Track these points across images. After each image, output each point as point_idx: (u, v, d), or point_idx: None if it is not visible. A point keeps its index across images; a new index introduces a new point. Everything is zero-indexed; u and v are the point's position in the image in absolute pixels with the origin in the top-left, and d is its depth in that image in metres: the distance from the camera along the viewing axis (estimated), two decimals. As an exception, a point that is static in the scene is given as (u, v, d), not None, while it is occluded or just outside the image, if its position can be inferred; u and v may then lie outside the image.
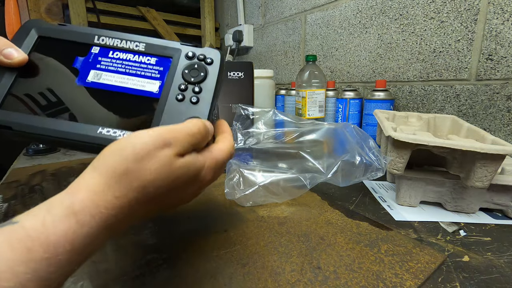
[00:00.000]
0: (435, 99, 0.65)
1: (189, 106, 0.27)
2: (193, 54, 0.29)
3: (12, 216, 0.17)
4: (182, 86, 0.27)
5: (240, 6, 1.29)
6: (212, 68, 0.29)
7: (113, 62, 0.28)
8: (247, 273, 0.27)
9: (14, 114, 0.25)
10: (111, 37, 0.29)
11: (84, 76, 0.27)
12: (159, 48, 0.29)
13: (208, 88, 0.28)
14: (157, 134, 0.21)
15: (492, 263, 0.29)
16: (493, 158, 0.34)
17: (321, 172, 0.39)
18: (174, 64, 0.29)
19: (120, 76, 0.28)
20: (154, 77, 0.28)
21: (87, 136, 0.25)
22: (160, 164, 0.20)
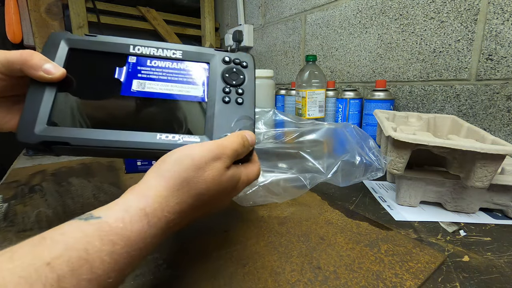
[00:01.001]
0: (435, 99, 0.65)
1: (236, 107, 0.28)
2: (229, 59, 0.31)
3: (13, 216, 0.17)
4: (226, 89, 0.29)
5: (240, 6, 1.29)
6: (248, 71, 0.31)
7: (153, 71, 0.29)
8: (247, 273, 0.27)
9: (67, 129, 0.25)
10: (146, 46, 0.29)
11: (128, 86, 0.28)
12: (195, 54, 0.30)
13: (248, 89, 0.30)
14: (210, 148, 0.23)
15: (492, 263, 0.29)
16: (493, 158, 0.34)
17: (321, 172, 0.39)
18: (213, 68, 0.30)
19: (164, 83, 0.28)
20: (195, 82, 0.29)
21: (149, 143, 0.25)
22: (214, 174, 0.23)
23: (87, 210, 0.18)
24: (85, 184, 0.51)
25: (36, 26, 1.00)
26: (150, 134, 0.26)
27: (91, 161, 0.63)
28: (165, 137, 0.26)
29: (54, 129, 0.25)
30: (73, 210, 0.40)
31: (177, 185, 0.21)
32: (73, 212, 0.39)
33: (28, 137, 0.25)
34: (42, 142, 0.25)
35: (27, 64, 0.25)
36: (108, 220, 0.18)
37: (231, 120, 0.28)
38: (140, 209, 0.19)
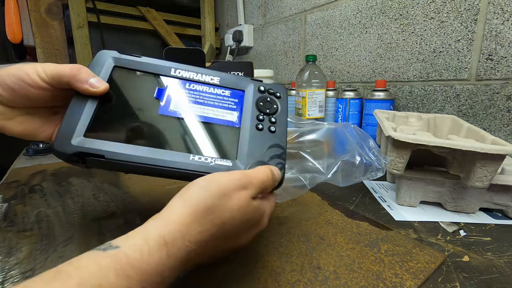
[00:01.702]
0: (435, 99, 0.65)
1: (268, 134, 0.29)
2: (264, 88, 0.32)
3: (13, 216, 0.17)
4: (260, 116, 0.30)
5: (240, 6, 1.29)
6: (281, 101, 0.32)
7: (191, 94, 0.30)
8: (247, 273, 0.27)
9: (104, 142, 0.25)
10: (186, 70, 0.31)
11: (166, 106, 0.28)
12: (231, 82, 0.31)
13: (281, 119, 0.30)
14: (238, 177, 0.23)
15: (492, 263, 0.29)
16: (493, 158, 0.34)
17: (321, 172, 0.39)
18: (248, 96, 0.31)
19: (201, 106, 0.29)
20: (231, 107, 0.30)
21: (181, 163, 0.25)
22: (239, 204, 0.22)
23: (87, 210, 0.18)
24: (85, 184, 0.51)
25: (36, 26, 1.00)
26: (183, 154, 0.26)
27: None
28: (198, 158, 0.26)
29: (91, 141, 0.25)
30: (73, 210, 0.40)
31: (201, 212, 0.21)
32: (73, 212, 0.39)
33: (64, 147, 0.25)
34: (77, 153, 0.24)
35: (75, 78, 0.26)
36: (126, 250, 0.17)
37: (264, 147, 0.28)
38: (160, 236, 0.18)
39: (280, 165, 0.28)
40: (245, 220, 0.23)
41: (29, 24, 1.00)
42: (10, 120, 0.28)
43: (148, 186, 0.49)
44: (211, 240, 0.21)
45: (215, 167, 0.26)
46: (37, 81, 0.26)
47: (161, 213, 0.21)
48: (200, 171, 0.25)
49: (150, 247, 0.18)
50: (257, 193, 0.24)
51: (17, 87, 0.26)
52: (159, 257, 0.18)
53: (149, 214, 0.21)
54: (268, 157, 0.28)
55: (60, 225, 0.36)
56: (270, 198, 0.27)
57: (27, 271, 0.27)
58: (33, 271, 0.27)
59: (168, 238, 0.19)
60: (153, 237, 0.18)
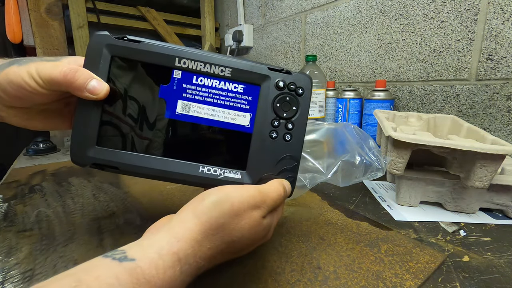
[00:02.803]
0: (435, 99, 0.65)
1: (283, 144, 0.26)
2: (284, 84, 0.27)
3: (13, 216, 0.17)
4: (275, 122, 0.26)
5: (240, 6, 1.29)
6: (303, 100, 0.27)
7: (199, 90, 0.26)
8: (247, 273, 0.27)
9: (115, 153, 0.25)
10: (193, 59, 0.26)
11: (172, 107, 0.26)
12: (246, 73, 0.27)
13: (299, 123, 0.27)
14: (252, 194, 0.23)
15: (492, 263, 0.29)
16: (493, 158, 0.34)
17: (321, 172, 0.39)
18: (264, 94, 0.27)
19: (210, 108, 0.26)
20: (243, 108, 0.27)
21: (191, 176, 0.25)
22: (250, 224, 0.22)
23: (87, 210, 0.18)
24: (85, 184, 0.51)
25: (36, 26, 1.00)
26: (193, 165, 0.26)
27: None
28: (207, 170, 0.25)
29: (104, 151, 0.25)
30: (73, 210, 0.40)
31: (212, 229, 0.21)
32: (73, 212, 0.39)
33: (81, 159, 0.25)
34: (94, 164, 0.25)
35: (72, 86, 0.24)
36: (142, 265, 0.17)
37: (276, 158, 0.26)
38: (173, 253, 0.19)
39: (291, 179, 0.26)
40: (253, 238, 0.23)
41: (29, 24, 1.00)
42: (30, 120, 0.29)
43: (148, 186, 0.49)
44: (219, 255, 0.22)
45: (224, 180, 0.25)
46: (33, 86, 0.25)
47: (173, 226, 0.20)
48: (208, 183, 0.25)
49: (164, 263, 0.18)
50: (268, 211, 0.24)
51: (20, 94, 0.25)
52: (173, 273, 0.18)
53: (149, 214, 0.21)
54: (279, 170, 0.26)
55: (60, 225, 0.36)
56: (279, 211, 0.26)
57: (27, 271, 0.27)
58: (33, 271, 0.27)
59: (181, 254, 0.19)
60: (167, 253, 0.18)
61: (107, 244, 0.32)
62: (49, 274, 0.27)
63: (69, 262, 0.28)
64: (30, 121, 0.29)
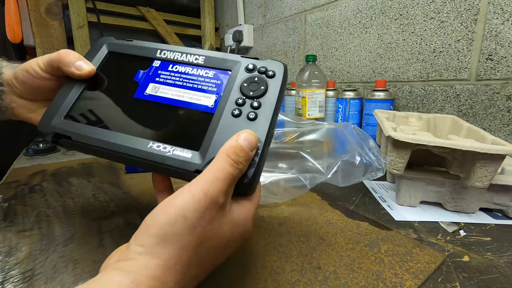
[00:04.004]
0: (435, 99, 0.65)
1: (245, 122, 0.24)
2: (254, 67, 0.27)
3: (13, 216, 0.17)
4: (239, 100, 0.25)
5: (240, 6, 1.29)
6: (273, 81, 0.26)
7: (172, 76, 0.28)
8: (247, 273, 0.27)
9: (76, 125, 0.26)
10: (172, 50, 0.29)
11: (142, 89, 0.28)
12: (218, 61, 0.28)
13: (268, 103, 0.25)
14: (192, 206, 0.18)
15: (492, 263, 0.29)
16: (493, 158, 0.34)
17: (321, 172, 0.39)
18: (233, 77, 0.27)
19: (177, 89, 0.27)
20: (210, 90, 0.27)
21: (138, 151, 0.24)
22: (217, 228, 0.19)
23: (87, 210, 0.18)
24: (85, 184, 0.51)
25: (36, 26, 1.00)
26: (143, 141, 0.24)
27: (91, 161, 0.63)
28: (156, 146, 0.24)
29: (66, 123, 0.26)
30: (73, 210, 0.40)
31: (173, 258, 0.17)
32: (73, 212, 0.39)
33: (44, 128, 0.26)
34: (54, 134, 0.26)
35: (62, 61, 0.27)
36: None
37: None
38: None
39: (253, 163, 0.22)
40: (224, 246, 0.20)
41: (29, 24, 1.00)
42: (34, 112, 0.31)
43: (148, 186, 0.49)
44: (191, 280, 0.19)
45: (171, 157, 0.23)
46: (38, 71, 0.28)
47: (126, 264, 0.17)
48: (154, 160, 0.23)
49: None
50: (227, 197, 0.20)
51: (25, 79, 0.29)
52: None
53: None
54: None
55: (60, 225, 0.36)
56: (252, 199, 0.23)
57: (27, 271, 0.27)
58: (33, 271, 0.27)
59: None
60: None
61: (107, 244, 0.32)
62: (49, 274, 0.27)
63: (69, 262, 0.28)
64: (34, 113, 0.31)
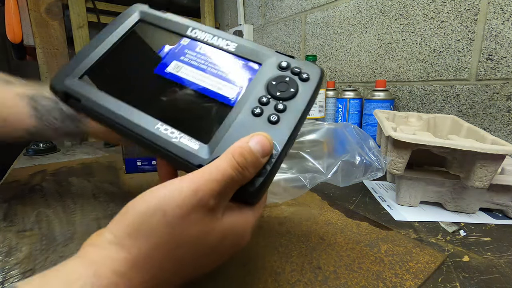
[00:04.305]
0: (435, 99, 0.65)
1: (265, 124, 0.21)
2: (287, 65, 0.24)
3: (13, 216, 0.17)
4: (263, 99, 0.22)
5: (240, 6, 1.29)
6: (306, 86, 0.23)
7: (198, 57, 0.26)
8: (247, 273, 0.27)
9: (89, 89, 0.25)
10: (204, 31, 0.27)
11: (164, 65, 0.26)
12: (250, 51, 0.25)
13: (294, 108, 0.22)
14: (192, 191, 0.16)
15: (492, 263, 0.29)
16: (493, 158, 0.34)
17: (321, 172, 0.39)
18: (262, 72, 0.24)
19: (200, 72, 0.25)
20: (235, 81, 0.24)
21: (144, 130, 0.22)
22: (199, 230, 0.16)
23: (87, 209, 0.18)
24: (85, 184, 0.51)
25: (36, 26, 1.00)
26: (152, 120, 0.22)
27: (91, 161, 0.63)
28: (164, 129, 0.22)
29: (80, 84, 0.25)
30: (73, 210, 0.40)
31: (143, 254, 0.15)
32: (73, 212, 0.39)
33: (56, 84, 0.25)
34: (64, 92, 0.25)
35: None
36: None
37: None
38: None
39: (264, 172, 0.19)
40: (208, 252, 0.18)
41: (29, 24, 1.00)
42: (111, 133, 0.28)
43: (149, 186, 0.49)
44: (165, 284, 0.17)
45: (176, 144, 0.21)
46: None
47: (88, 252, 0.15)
48: (158, 143, 0.21)
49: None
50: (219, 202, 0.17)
51: None
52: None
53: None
54: None
55: (60, 225, 0.36)
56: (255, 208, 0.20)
57: (27, 271, 0.27)
58: (33, 271, 0.27)
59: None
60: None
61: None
62: (49, 274, 0.27)
63: (69, 262, 0.28)
64: (111, 133, 0.30)
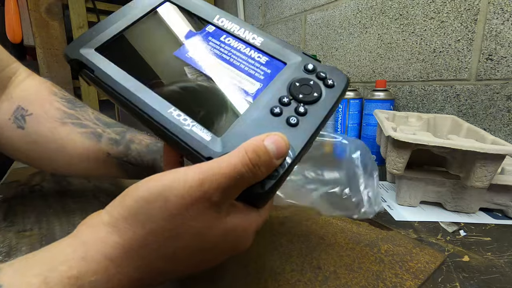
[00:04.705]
0: (435, 99, 0.65)
1: (283, 125, 0.21)
2: (314, 68, 0.24)
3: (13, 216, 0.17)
4: (284, 99, 0.22)
5: (240, 6, 1.29)
6: (330, 92, 0.23)
7: (221, 47, 0.25)
8: (247, 273, 0.27)
9: (104, 62, 0.24)
10: (231, 21, 0.26)
11: (185, 49, 0.25)
12: (276, 48, 0.25)
13: (315, 113, 0.21)
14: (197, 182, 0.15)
15: (492, 263, 0.29)
16: (493, 158, 0.34)
17: None
18: (286, 71, 0.24)
19: (222, 63, 0.24)
20: (257, 77, 0.24)
21: (156, 113, 0.21)
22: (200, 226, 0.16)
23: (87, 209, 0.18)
24: (85, 184, 0.51)
25: (36, 26, 1.00)
26: (165, 104, 0.21)
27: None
28: (177, 115, 0.21)
29: (96, 55, 0.24)
30: (73, 210, 0.40)
31: (139, 241, 0.14)
32: (73, 212, 0.39)
33: (71, 52, 0.24)
34: (76, 61, 0.24)
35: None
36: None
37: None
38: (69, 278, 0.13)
39: (275, 175, 0.19)
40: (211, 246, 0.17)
41: (29, 24, 1.00)
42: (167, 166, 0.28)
43: (148, 186, 0.49)
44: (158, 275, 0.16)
45: (188, 133, 0.20)
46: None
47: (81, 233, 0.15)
48: (169, 128, 0.20)
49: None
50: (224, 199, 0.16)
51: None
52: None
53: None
54: None
55: (60, 225, 0.36)
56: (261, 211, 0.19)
57: (27, 271, 0.27)
58: (33, 271, 0.27)
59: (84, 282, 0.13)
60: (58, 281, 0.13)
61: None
62: (49, 274, 0.27)
63: (69, 262, 0.28)
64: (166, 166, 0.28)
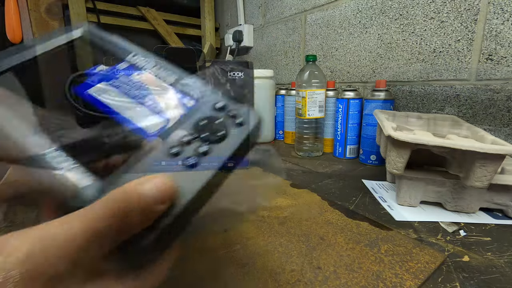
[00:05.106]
0: (435, 99, 0.65)
1: (179, 168, 0.18)
2: (223, 107, 0.22)
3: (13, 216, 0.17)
4: (185, 138, 0.19)
5: (240, 6, 1.29)
6: (237, 131, 0.20)
7: (130, 83, 0.24)
8: (247, 273, 0.27)
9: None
10: (146, 59, 0.24)
11: (88, 85, 0.24)
12: (190, 86, 0.23)
13: (219, 154, 0.19)
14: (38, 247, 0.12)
15: (492, 263, 0.29)
16: (493, 158, 0.34)
17: None
18: (196, 109, 0.22)
19: (126, 99, 0.23)
20: (163, 113, 0.22)
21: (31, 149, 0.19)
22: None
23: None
24: (85, 184, 0.51)
25: (36, 26, 1.00)
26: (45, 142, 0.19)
27: (91, 161, 0.63)
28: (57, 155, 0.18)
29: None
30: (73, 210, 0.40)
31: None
32: (73, 212, 0.39)
33: None
34: None
35: None
36: None
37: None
38: None
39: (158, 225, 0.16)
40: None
41: (29, 24, 1.00)
42: None
43: (148, 186, 0.49)
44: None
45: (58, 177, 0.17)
46: None
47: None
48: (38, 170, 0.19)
49: None
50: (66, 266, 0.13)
51: None
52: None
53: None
54: None
55: (60, 225, 0.36)
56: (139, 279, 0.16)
57: (27, 271, 0.27)
58: (33, 271, 0.27)
59: None
60: None
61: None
62: (49, 274, 0.27)
63: (69, 262, 0.28)
64: None
